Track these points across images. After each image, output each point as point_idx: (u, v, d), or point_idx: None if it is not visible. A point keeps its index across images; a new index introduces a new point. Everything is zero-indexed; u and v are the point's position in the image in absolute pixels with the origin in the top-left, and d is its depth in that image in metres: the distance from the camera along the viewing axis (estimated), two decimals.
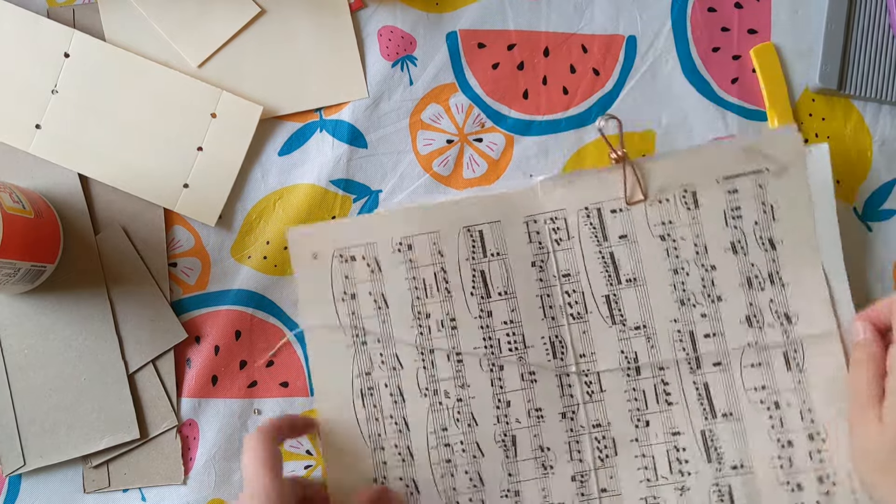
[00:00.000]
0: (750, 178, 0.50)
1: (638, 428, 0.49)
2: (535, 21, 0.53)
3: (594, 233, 0.50)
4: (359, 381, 0.49)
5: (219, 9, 0.51)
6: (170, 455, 0.49)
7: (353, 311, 0.49)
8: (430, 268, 0.49)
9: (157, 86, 0.50)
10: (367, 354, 0.49)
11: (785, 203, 0.50)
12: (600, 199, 0.50)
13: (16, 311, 0.49)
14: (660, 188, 0.50)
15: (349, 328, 0.49)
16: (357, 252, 0.49)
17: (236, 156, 0.50)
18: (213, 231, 0.51)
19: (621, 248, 0.50)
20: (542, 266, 0.50)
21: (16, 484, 0.49)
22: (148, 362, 0.49)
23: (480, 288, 0.50)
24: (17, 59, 0.49)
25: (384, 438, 0.49)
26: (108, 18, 0.50)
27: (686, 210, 0.50)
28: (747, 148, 0.50)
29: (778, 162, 0.50)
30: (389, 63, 0.52)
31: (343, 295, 0.49)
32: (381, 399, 0.49)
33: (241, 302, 0.50)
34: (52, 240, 0.48)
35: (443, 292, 0.49)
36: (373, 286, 0.49)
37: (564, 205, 0.50)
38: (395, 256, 0.49)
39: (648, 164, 0.50)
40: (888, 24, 0.53)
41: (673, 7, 0.53)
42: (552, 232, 0.50)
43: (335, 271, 0.49)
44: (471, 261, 0.50)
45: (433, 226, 0.50)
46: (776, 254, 0.50)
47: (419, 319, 0.49)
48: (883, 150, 0.53)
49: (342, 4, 0.52)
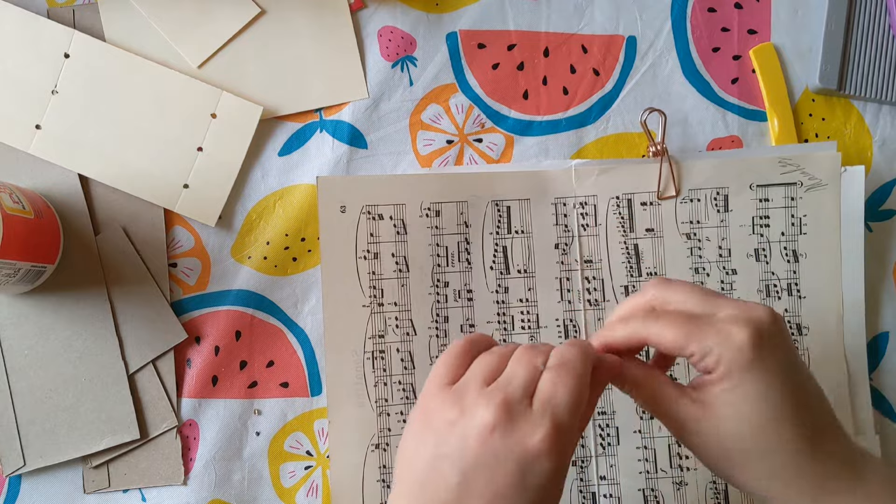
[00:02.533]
0: (783, 189, 0.50)
1: (643, 419, 0.50)
2: (535, 21, 0.53)
3: (622, 223, 0.50)
4: (371, 343, 0.49)
5: (219, 9, 0.51)
6: (170, 455, 0.49)
7: (374, 271, 0.49)
8: (454, 236, 0.50)
9: (157, 86, 0.50)
10: (383, 317, 0.49)
11: (814, 218, 0.50)
12: (633, 190, 0.50)
13: (16, 311, 0.49)
14: (693, 187, 0.50)
15: (368, 287, 0.49)
16: (385, 211, 0.49)
17: (236, 156, 0.50)
18: (213, 231, 0.51)
19: (646, 242, 0.50)
20: (565, 249, 0.50)
21: (16, 484, 0.49)
22: (148, 363, 0.49)
23: (501, 263, 0.50)
24: (17, 59, 0.49)
25: (390, 404, 0.49)
26: (108, 18, 0.50)
27: (716, 212, 0.50)
28: (785, 160, 0.50)
29: (813, 177, 0.50)
30: (389, 63, 0.52)
31: (366, 253, 0.49)
32: (391, 363, 0.49)
33: (241, 302, 0.50)
34: (52, 240, 0.48)
35: (463, 262, 0.50)
36: (396, 248, 0.49)
37: (596, 191, 0.50)
38: (422, 220, 0.50)
39: (686, 162, 0.50)
40: (888, 24, 0.53)
41: (673, 7, 0.53)
42: (580, 217, 0.50)
43: (361, 227, 0.49)
44: (494, 235, 0.50)
45: (463, 195, 0.50)
46: (798, 266, 0.50)
47: (437, 287, 0.49)
48: (883, 150, 0.53)
49: (342, 4, 0.52)
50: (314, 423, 0.50)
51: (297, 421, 0.50)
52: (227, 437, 0.49)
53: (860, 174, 0.50)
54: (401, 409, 0.49)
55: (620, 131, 0.53)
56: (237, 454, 0.50)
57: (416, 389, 0.49)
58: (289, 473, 0.50)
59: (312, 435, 0.50)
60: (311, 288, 0.51)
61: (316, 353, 0.50)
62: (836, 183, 0.50)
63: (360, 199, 0.49)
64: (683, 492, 0.49)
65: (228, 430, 0.49)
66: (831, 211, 0.50)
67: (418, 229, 0.49)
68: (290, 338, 0.50)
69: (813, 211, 0.50)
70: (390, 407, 0.49)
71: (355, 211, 0.49)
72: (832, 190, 0.50)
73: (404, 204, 0.49)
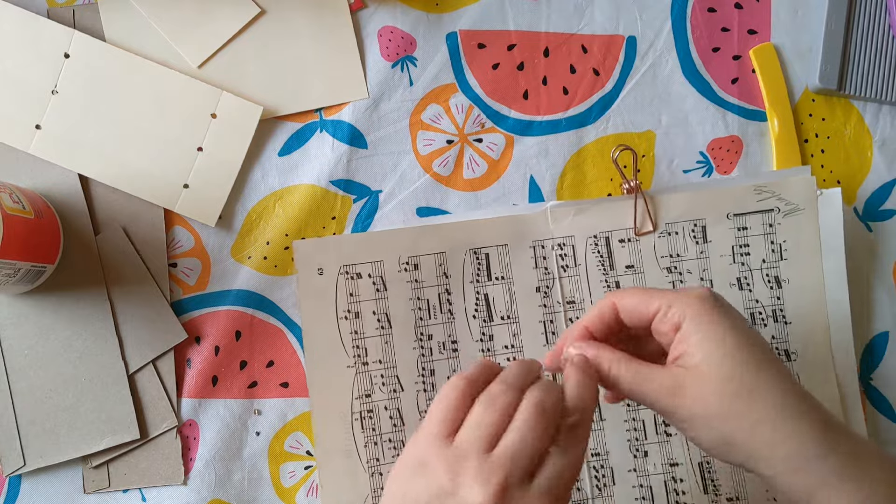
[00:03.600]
0: (760, 216, 0.50)
1: (636, 458, 0.49)
2: (535, 21, 0.53)
3: (601, 261, 0.50)
4: (358, 403, 0.49)
5: (219, 9, 0.51)
6: (170, 455, 0.49)
7: (356, 331, 0.49)
8: (434, 288, 0.49)
9: (157, 86, 0.50)
10: (368, 375, 0.49)
11: (794, 243, 0.50)
12: (609, 228, 0.50)
13: (16, 311, 0.49)
14: (670, 220, 0.50)
15: (351, 348, 0.49)
16: (363, 269, 0.49)
17: (236, 156, 0.50)
18: (213, 231, 0.51)
19: (628, 278, 0.50)
20: (546, 292, 0.50)
21: (16, 484, 0.49)
22: (148, 363, 0.49)
23: (483, 311, 0.50)
24: (18, 59, 0.49)
25: (382, 463, 0.48)
26: (108, 18, 0.50)
27: (695, 244, 0.50)
28: (760, 187, 0.50)
29: (790, 203, 0.50)
30: (389, 63, 0.52)
31: (346, 313, 0.49)
32: (380, 422, 0.49)
33: (241, 302, 0.50)
34: (52, 240, 0.48)
35: (446, 314, 0.49)
36: (377, 305, 0.49)
37: (573, 231, 0.50)
38: (401, 275, 0.49)
39: (660, 196, 0.50)
40: (888, 24, 0.53)
41: (673, 7, 0.53)
42: (559, 258, 0.50)
43: (340, 288, 0.49)
44: (475, 283, 0.50)
45: (440, 246, 0.50)
46: (781, 292, 0.50)
47: (421, 340, 0.49)
48: (883, 150, 0.53)
49: (342, 4, 0.52)
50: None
51: (297, 421, 0.50)
52: (227, 437, 0.49)
53: (837, 196, 0.50)
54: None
55: (620, 131, 0.53)
56: (237, 454, 0.50)
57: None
58: (289, 473, 0.50)
59: (312, 435, 0.50)
60: None
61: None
62: (812, 207, 0.50)
63: (336, 260, 0.49)
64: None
65: (228, 430, 0.49)
66: (810, 235, 0.50)
67: (398, 284, 0.49)
68: (290, 338, 0.50)
69: (792, 236, 0.50)
70: (382, 466, 0.49)
71: (333, 272, 0.49)
72: (810, 214, 0.50)
73: (382, 260, 0.49)
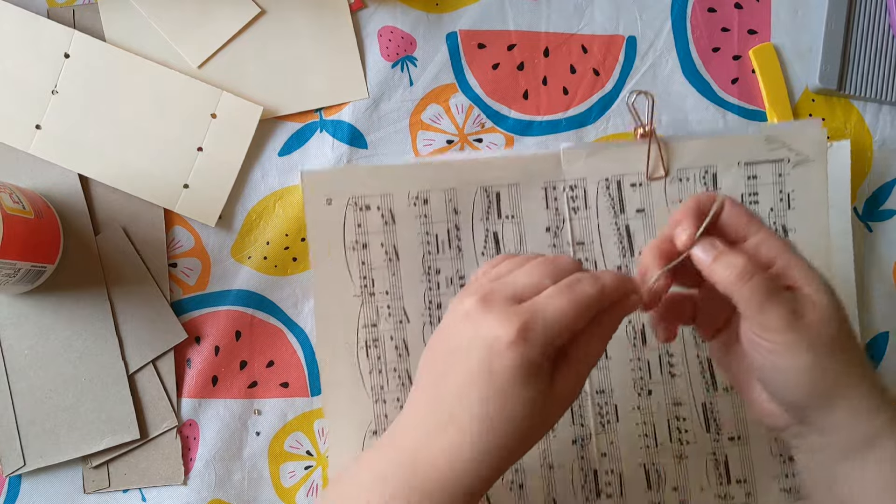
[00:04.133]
0: (770, 165, 0.50)
1: (640, 396, 0.50)
2: (535, 21, 0.53)
3: (612, 204, 0.50)
4: (364, 332, 0.49)
5: (219, 9, 0.51)
6: (170, 455, 0.49)
7: (364, 261, 0.49)
8: (443, 224, 0.50)
9: (157, 86, 0.50)
10: (375, 306, 0.49)
11: (802, 193, 0.51)
12: (622, 172, 0.50)
13: (16, 311, 0.49)
14: (682, 167, 0.50)
15: (358, 278, 0.49)
16: (372, 202, 0.49)
17: (236, 156, 0.50)
18: (213, 231, 0.51)
19: (637, 222, 0.50)
20: (556, 233, 0.50)
21: (16, 484, 0.49)
22: (148, 363, 0.49)
23: (492, 248, 0.50)
24: (18, 59, 0.49)
25: (386, 391, 0.49)
26: (108, 18, 0.50)
27: (705, 190, 0.51)
28: (771, 137, 0.50)
29: (800, 153, 0.50)
30: (389, 63, 0.52)
31: (354, 244, 0.49)
32: (385, 352, 0.49)
33: (241, 302, 0.50)
34: (52, 240, 0.48)
35: (454, 250, 0.50)
36: (385, 237, 0.49)
37: (585, 174, 0.50)
38: (410, 210, 0.49)
39: (673, 143, 0.51)
40: (888, 24, 0.53)
41: (673, 7, 0.53)
42: (570, 200, 0.50)
43: (348, 219, 0.49)
44: (485, 221, 0.50)
45: (451, 182, 0.50)
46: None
47: (429, 274, 0.49)
48: (883, 150, 0.53)
49: (342, 4, 0.52)
50: (314, 423, 0.50)
51: (297, 421, 0.50)
52: (227, 437, 0.49)
53: (846, 149, 0.51)
54: (397, 396, 0.49)
55: (620, 131, 0.53)
56: (237, 454, 0.50)
57: (410, 376, 0.49)
58: (289, 473, 0.50)
59: (312, 435, 0.50)
60: (311, 288, 0.51)
61: (316, 353, 0.50)
62: (822, 158, 0.50)
63: (345, 191, 0.49)
64: (684, 464, 0.50)
65: (228, 430, 0.49)
66: (819, 186, 0.51)
67: (407, 219, 0.49)
68: (290, 338, 0.50)
69: (801, 186, 0.51)
70: (386, 394, 0.49)
71: (341, 203, 0.49)
72: (819, 165, 0.51)
73: (391, 194, 0.49)
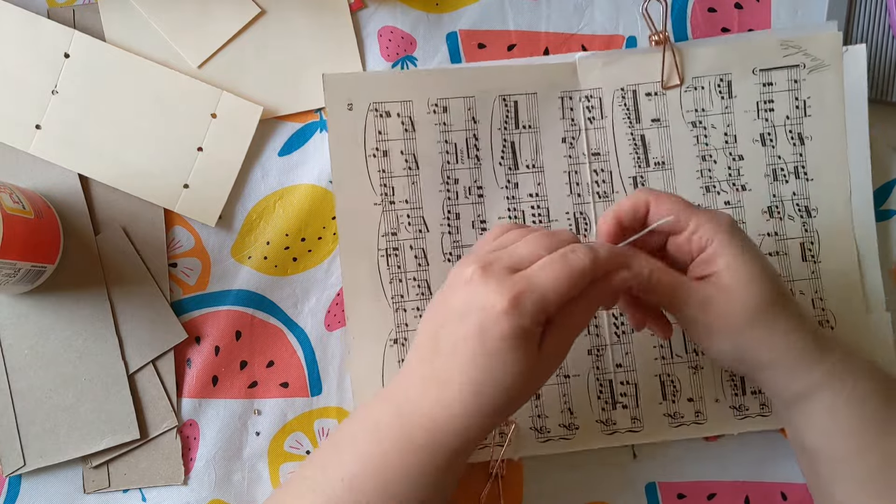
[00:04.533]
0: (786, 72, 0.51)
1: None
2: (535, 21, 0.53)
3: (627, 114, 0.51)
4: (384, 241, 0.49)
5: (219, 9, 0.51)
6: (170, 455, 0.49)
7: (384, 169, 0.49)
8: (462, 133, 0.50)
9: (157, 86, 0.50)
10: (395, 214, 0.49)
11: (818, 100, 0.51)
12: (637, 81, 0.51)
13: (16, 311, 0.49)
14: (696, 74, 0.51)
15: (378, 186, 0.49)
16: (392, 108, 0.50)
17: (236, 156, 0.50)
18: (214, 231, 0.51)
19: (652, 132, 0.51)
20: (572, 143, 0.50)
21: (16, 484, 0.49)
22: (148, 363, 0.49)
23: (509, 158, 0.50)
24: (18, 59, 0.49)
25: (406, 300, 0.49)
26: (108, 18, 0.50)
27: (720, 99, 0.51)
28: (786, 42, 0.50)
29: (815, 58, 0.50)
30: (389, 63, 0.52)
31: (375, 151, 0.49)
32: (405, 260, 0.49)
33: (241, 302, 0.50)
34: (53, 240, 0.48)
35: (473, 159, 0.50)
36: (405, 145, 0.49)
37: (601, 83, 0.50)
38: (430, 117, 0.50)
39: (689, 50, 0.51)
40: (888, 25, 0.53)
41: (673, 7, 0.53)
42: (586, 110, 0.50)
43: (369, 125, 0.49)
44: (503, 130, 0.50)
45: (470, 90, 0.50)
46: (804, 149, 0.51)
47: (448, 184, 0.50)
48: (883, 150, 0.53)
49: (342, 4, 0.52)
50: (314, 423, 0.50)
51: (297, 421, 0.50)
52: (227, 438, 0.49)
53: (861, 53, 0.51)
54: (416, 305, 0.49)
55: None
56: (237, 454, 0.50)
57: (430, 285, 0.49)
58: (289, 474, 0.50)
59: (313, 435, 0.50)
60: (311, 288, 0.51)
61: (316, 353, 0.50)
62: (838, 63, 0.50)
63: (366, 97, 0.49)
64: (699, 376, 0.50)
65: (228, 430, 0.49)
66: (835, 92, 0.51)
67: (426, 126, 0.50)
68: (291, 338, 0.50)
69: (816, 93, 0.51)
70: (406, 303, 0.49)
71: (362, 108, 0.49)
72: (834, 70, 0.50)
73: (411, 101, 0.49)
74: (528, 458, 0.50)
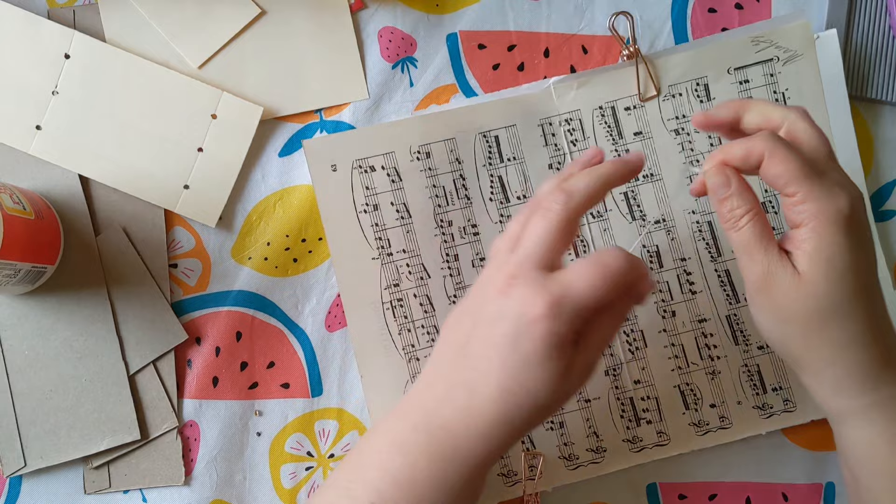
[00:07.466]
0: (760, 67, 0.51)
1: (665, 318, 0.50)
2: (535, 22, 0.53)
3: (609, 131, 0.51)
4: (388, 294, 0.49)
5: (219, 9, 0.51)
6: (170, 456, 0.49)
7: (377, 223, 0.50)
8: (448, 175, 0.50)
9: (158, 86, 0.50)
10: (394, 265, 0.50)
11: (796, 90, 0.51)
12: (614, 98, 0.51)
13: (16, 312, 0.49)
14: (672, 82, 0.51)
15: (374, 240, 0.49)
16: (376, 161, 0.50)
17: (237, 157, 0.50)
18: (214, 232, 0.51)
19: (637, 145, 0.51)
20: (558, 168, 0.50)
21: (16, 485, 0.49)
22: (148, 363, 0.49)
23: (499, 193, 0.50)
24: (18, 60, 0.49)
25: (418, 348, 0.49)
26: (108, 19, 0.50)
27: (699, 102, 0.51)
28: (757, 38, 0.50)
29: (787, 49, 0.50)
30: (390, 64, 0.52)
31: (365, 206, 0.50)
32: (411, 309, 0.50)
33: (241, 303, 0.50)
34: (53, 241, 0.48)
35: (463, 199, 0.50)
36: (394, 196, 0.50)
37: (579, 105, 0.50)
38: (414, 165, 0.50)
39: (660, 59, 0.51)
40: (888, 25, 0.53)
41: (673, 7, 0.53)
42: (567, 133, 0.50)
43: (356, 182, 0.50)
44: (488, 166, 0.50)
45: (449, 132, 0.50)
46: None
47: (442, 227, 0.50)
48: (883, 150, 0.53)
49: (342, 5, 0.52)
50: (315, 424, 0.50)
51: (297, 422, 0.50)
52: (227, 438, 0.49)
53: (833, 38, 0.51)
54: (428, 353, 0.49)
55: None
56: (238, 455, 0.50)
57: (439, 331, 0.49)
58: (289, 474, 0.50)
59: (313, 436, 0.50)
60: (311, 289, 0.51)
61: (316, 353, 0.50)
62: (811, 51, 0.50)
63: (348, 155, 0.50)
64: (718, 380, 0.50)
65: (229, 431, 0.49)
66: (812, 80, 0.51)
67: (412, 174, 0.50)
68: (291, 339, 0.50)
69: (794, 83, 0.51)
70: (418, 351, 0.49)
71: (346, 167, 0.50)
72: (809, 59, 0.50)
73: (393, 151, 0.50)
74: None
